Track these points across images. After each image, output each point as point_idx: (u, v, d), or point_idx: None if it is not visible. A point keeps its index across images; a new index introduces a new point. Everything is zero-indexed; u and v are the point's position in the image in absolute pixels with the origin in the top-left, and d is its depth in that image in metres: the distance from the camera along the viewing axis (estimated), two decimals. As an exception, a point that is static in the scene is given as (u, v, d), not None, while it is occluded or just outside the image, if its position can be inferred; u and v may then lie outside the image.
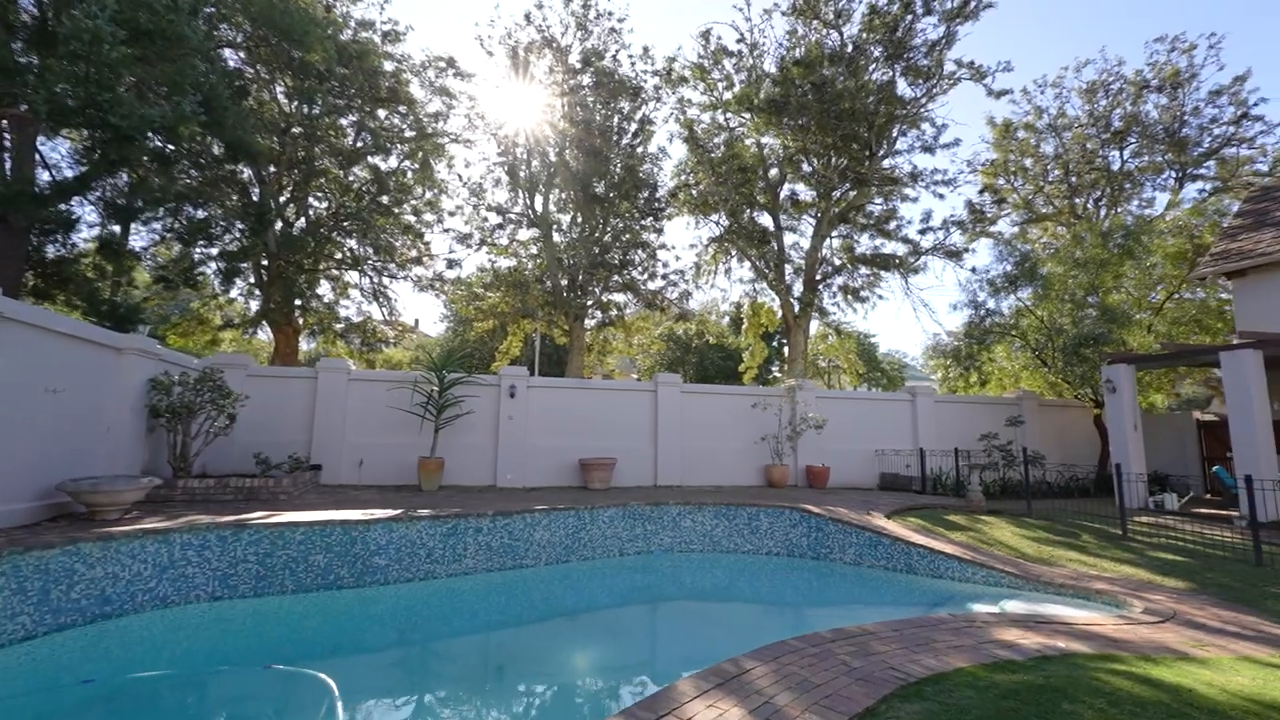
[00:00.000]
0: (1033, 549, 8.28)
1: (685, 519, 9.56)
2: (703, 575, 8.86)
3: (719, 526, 9.56)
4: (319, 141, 15.01)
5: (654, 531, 9.39)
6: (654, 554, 9.21)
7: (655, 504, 9.55)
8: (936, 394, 15.69)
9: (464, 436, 12.00)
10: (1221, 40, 21.77)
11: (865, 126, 17.92)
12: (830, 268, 20.33)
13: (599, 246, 17.16)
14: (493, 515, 8.03)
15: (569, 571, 8.32)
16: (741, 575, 8.86)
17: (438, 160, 18.32)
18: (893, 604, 7.47)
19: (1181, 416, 16.55)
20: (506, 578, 7.77)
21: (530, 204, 18.86)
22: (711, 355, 32.92)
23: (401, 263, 17.32)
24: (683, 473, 13.21)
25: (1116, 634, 4.87)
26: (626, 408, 13.26)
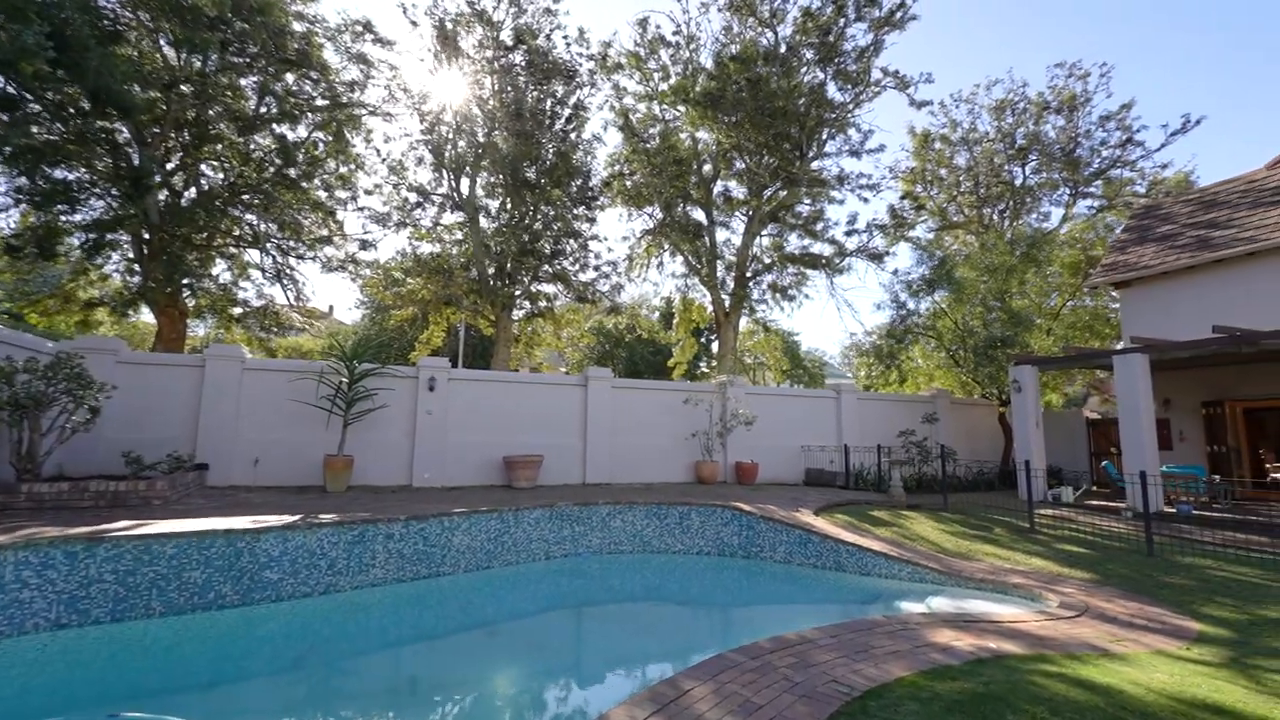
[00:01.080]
0: (952, 543, 8.53)
1: (615, 519, 9.20)
2: (633, 578, 8.54)
3: (650, 526, 9.27)
4: (213, 102, 13.40)
5: (582, 533, 8.97)
6: (582, 556, 8.79)
7: (584, 504, 9.13)
8: (859, 392, 16.15)
9: (377, 432, 11.08)
10: (1111, 70, 23.72)
11: (797, 127, 18.17)
12: (760, 265, 20.57)
13: (529, 234, 16.44)
14: (406, 519, 7.34)
15: (491, 578, 7.75)
16: (673, 577, 8.61)
17: (354, 133, 16.93)
18: (824, 602, 7.44)
19: (1073, 415, 17.92)
20: (421, 588, 7.12)
21: (455, 186, 17.83)
22: (641, 350, 32.76)
23: (309, 242, 15.84)
24: (612, 470, 12.85)
25: (1041, 631, 4.95)
26: (555, 403, 12.74)
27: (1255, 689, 3.82)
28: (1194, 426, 14.21)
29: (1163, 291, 14.52)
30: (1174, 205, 16.61)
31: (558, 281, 17.81)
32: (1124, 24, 44.64)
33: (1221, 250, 13.38)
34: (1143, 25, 44.25)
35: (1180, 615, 5.48)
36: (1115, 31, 45.82)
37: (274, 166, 15.22)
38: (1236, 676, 4.03)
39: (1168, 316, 13.88)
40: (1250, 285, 12.86)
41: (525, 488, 11.24)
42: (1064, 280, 18.33)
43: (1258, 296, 12.58)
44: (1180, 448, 14.17)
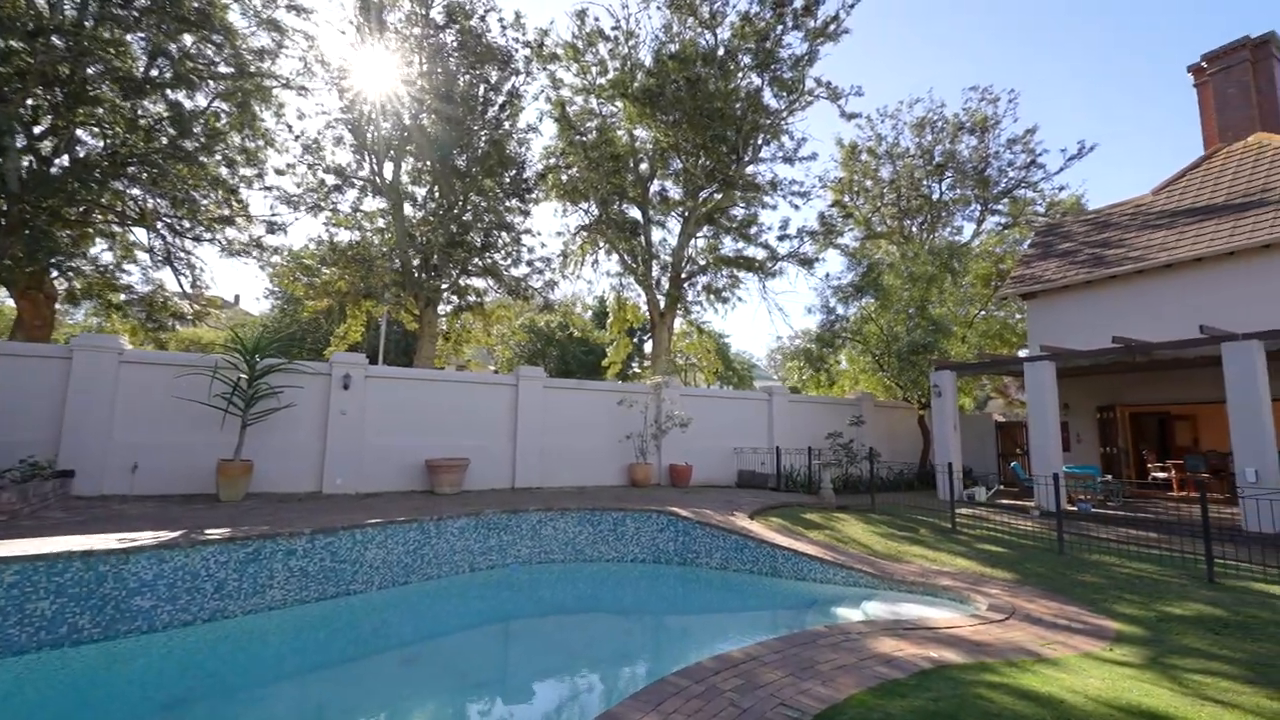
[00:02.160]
0: (881, 545, 8.65)
1: (546, 526, 8.74)
2: (566, 589, 8.12)
3: (583, 533, 8.87)
4: (91, 58, 11.77)
5: (511, 542, 8.45)
6: (511, 567, 8.28)
7: (513, 511, 8.61)
8: (790, 394, 16.40)
9: (282, 434, 10.06)
10: (1018, 96, 25.48)
11: (733, 130, 18.27)
12: (695, 266, 20.58)
13: (457, 224, 15.58)
14: (311, 533, 6.59)
15: (408, 595, 7.12)
16: (607, 587, 8.27)
17: (264, 106, 15.47)
18: (764, 610, 7.32)
19: (983, 418, 19.00)
20: (328, 609, 6.41)
21: (378, 170, 16.67)
22: (574, 349, 32.19)
23: (207, 222, 14.28)
24: (543, 473, 12.34)
25: (976, 637, 4.96)
26: (483, 403, 12.08)
27: (1180, 690, 3.92)
28: (1089, 429, 15.35)
29: (1064, 303, 15.60)
30: (1073, 225, 17.92)
31: (488, 276, 17.02)
32: (1032, 52, 48.42)
33: (1114, 267, 14.50)
34: (1047, 56, 48.19)
35: (1097, 614, 5.68)
36: (1023, 60, 49.60)
37: (167, 136, 13.62)
38: (1160, 678, 4.13)
39: (1068, 326, 14.92)
40: (1139, 299, 14.00)
41: (449, 493, 10.55)
42: (977, 291, 19.44)
43: (1146, 310, 13.71)
44: (1077, 449, 15.26)
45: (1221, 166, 15.19)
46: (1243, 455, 9.33)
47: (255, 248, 15.18)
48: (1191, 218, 14.18)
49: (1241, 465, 9.29)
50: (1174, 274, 13.55)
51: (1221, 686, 4.00)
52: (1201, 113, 16.35)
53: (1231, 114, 15.63)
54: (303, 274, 15.56)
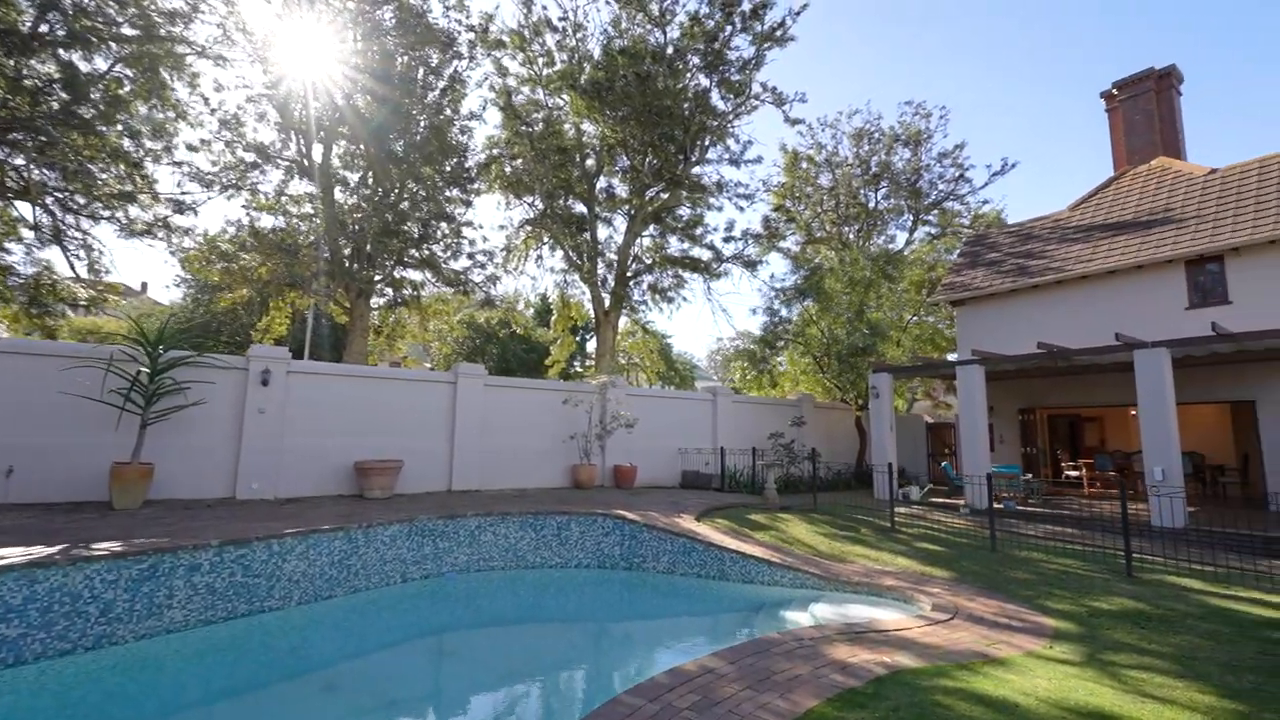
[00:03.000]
0: (826, 545, 8.71)
1: (485, 532, 8.30)
2: (507, 599, 7.71)
3: (525, 539, 8.48)
4: (-38, 7, 10.34)
5: (447, 549, 7.96)
6: (447, 577, 7.79)
7: (449, 516, 8.12)
8: (734, 395, 16.48)
9: (189, 435, 9.13)
10: (948, 113, 26.81)
11: (681, 130, 18.21)
12: (641, 265, 20.42)
13: (393, 213, 14.72)
14: (219, 545, 5.93)
15: (332, 611, 6.53)
16: (551, 595, 7.91)
17: (175, 75, 14.11)
18: (714, 615, 7.18)
19: (915, 419, 19.75)
20: (239, 630, 5.77)
21: (306, 151, 15.56)
22: (514, 347, 31.38)
23: (104, 198, 12.85)
24: (483, 475, 11.82)
25: (925, 639, 4.97)
26: (419, 401, 11.43)
27: (1121, 688, 4.00)
28: (1011, 430, 16.21)
29: (991, 310, 16.40)
30: (999, 236, 18.90)
31: (426, 268, 16.21)
32: (963, 71, 51.16)
33: (1036, 277, 15.34)
34: (976, 75, 51.07)
35: (1033, 611, 5.84)
36: (954, 78, 52.32)
37: (58, 101, 12.18)
38: (1101, 676, 4.22)
39: (995, 332, 15.68)
40: (1059, 308, 14.87)
41: (381, 497, 9.89)
42: (911, 297, 20.20)
43: (1066, 317, 14.56)
44: (1001, 449, 16.07)
45: (1129, 186, 16.37)
46: (1151, 455, 9.98)
47: (161, 228, 13.80)
48: (1104, 233, 15.20)
49: (1150, 465, 9.94)
50: (1090, 284, 14.47)
51: (1157, 682, 4.12)
52: (1112, 136, 17.59)
53: (1138, 138, 16.87)
54: (218, 259, 14.30)
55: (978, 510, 11.41)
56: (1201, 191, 14.26)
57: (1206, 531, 9.01)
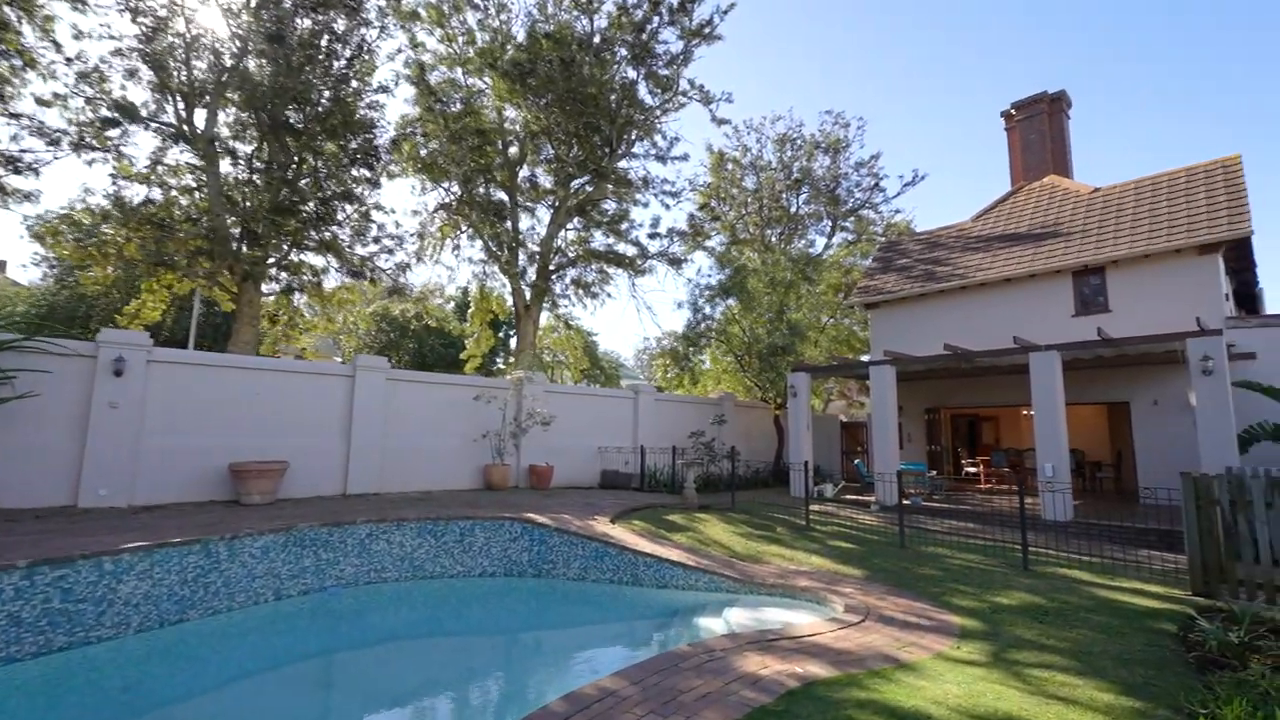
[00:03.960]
0: (742, 546, 8.55)
1: (378, 540, 7.52)
2: (398, 612, 6.99)
3: (423, 546, 7.76)
4: None
5: (332, 560, 7.13)
6: (330, 591, 6.97)
7: (335, 523, 7.29)
8: (656, 393, 16.24)
9: (16, 433, 7.75)
10: (865, 123, 27.84)
11: (607, 121, 17.79)
12: (564, 259, 19.82)
13: (288, 189, 13.36)
14: (29, 565, 4.91)
15: (184, 637, 5.61)
16: (449, 606, 7.26)
17: (24, 17, 12.16)
18: (624, 623, 6.78)
19: (829, 418, 20.31)
20: (52, 667, 4.79)
21: (187, 117, 13.88)
22: (432, 341, 29.85)
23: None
24: (383, 477, 10.90)
25: (837, 644, 4.80)
26: (311, 396, 10.37)
27: (1026, 690, 3.95)
28: (918, 429, 16.92)
29: (901, 313, 17.05)
30: (910, 243, 19.74)
31: (327, 252, 14.88)
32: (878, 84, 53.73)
33: (942, 283, 16.06)
34: (888, 90, 53.79)
35: (941, 609, 5.85)
36: (871, 89, 54.87)
37: None
38: (1007, 678, 4.17)
39: (905, 334, 16.30)
40: (963, 312, 15.62)
41: (260, 503, 8.83)
42: (828, 299, 20.77)
43: (969, 322, 15.31)
44: (908, 447, 16.71)
45: (1024, 201, 17.48)
46: (1043, 452, 10.55)
47: (-2, 193, 11.85)
48: (1003, 243, 16.13)
49: (1042, 461, 10.50)
50: (989, 291, 15.28)
51: (1059, 681, 4.10)
52: (1010, 152, 18.77)
53: (1032, 156, 18.07)
54: (69, 230, 12.47)
55: (887, 507, 11.70)
56: (1086, 208, 15.40)
57: (1090, 524, 9.59)
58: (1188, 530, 6.28)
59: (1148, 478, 12.36)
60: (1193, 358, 9.09)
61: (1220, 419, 8.74)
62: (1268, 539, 5.86)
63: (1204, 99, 56.67)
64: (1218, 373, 8.85)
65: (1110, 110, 55.95)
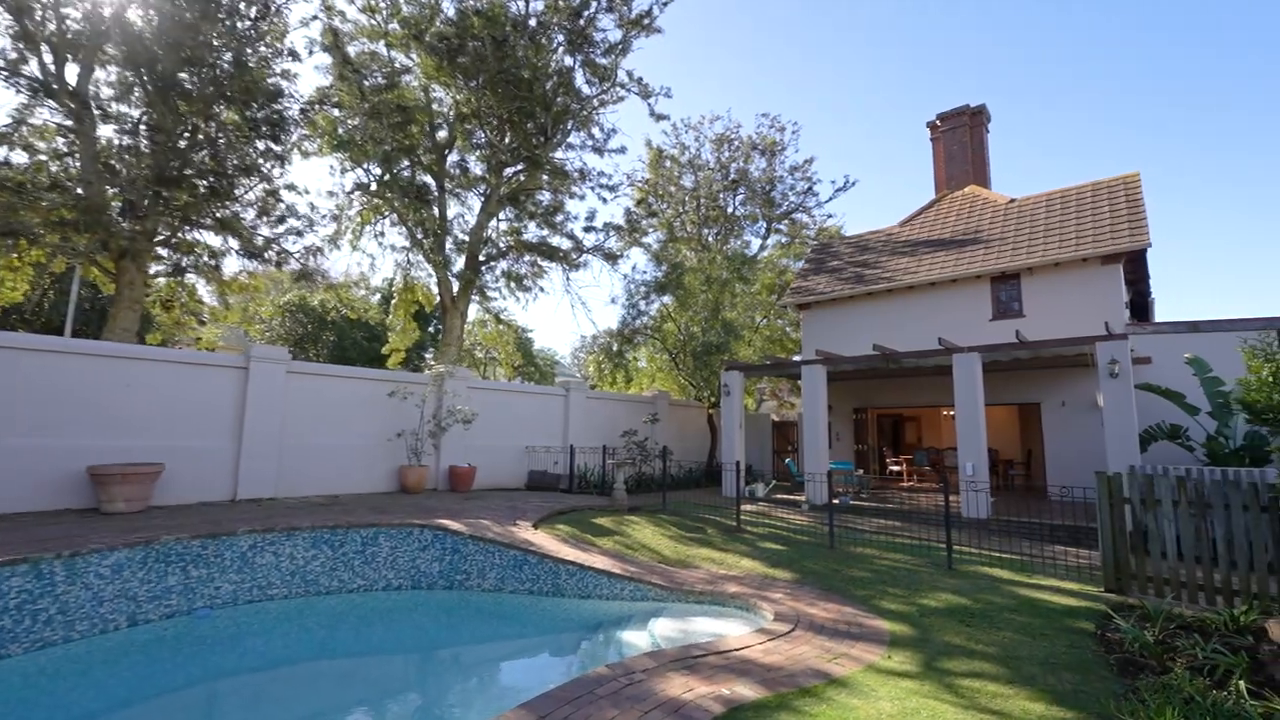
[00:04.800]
0: (671, 550, 8.20)
1: (263, 553, 6.65)
2: (284, 635, 6.16)
3: (318, 558, 6.94)
4: None
5: (205, 578, 6.22)
6: (200, 614, 6.06)
7: (211, 535, 6.38)
8: (588, 390, 15.73)
9: None
10: (800, 128, 28.45)
11: (542, 108, 17.11)
12: (495, 250, 18.97)
13: (177, 158, 11.94)
14: None
15: (2, 676, 4.64)
16: (346, 626, 6.48)
17: None
18: (540, 638, 6.25)
19: (762, 417, 20.42)
20: None
21: (57, 72, 12.19)
22: (355, 334, 28.05)
23: None
24: (282, 480, 9.87)
25: (766, 658, 4.48)
26: (195, 390, 9.22)
27: (959, 703, 3.74)
28: (847, 428, 17.21)
29: (832, 314, 17.29)
30: (841, 246, 20.11)
31: (225, 231, 13.46)
32: (811, 88, 55.22)
33: (871, 285, 16.38)
34: (823, 96, 55.41)
35: (870, 614, 5.67)
36: (806, 94, 56.31)
37: None
38: (940, 690, 3.96)
39: (836, 335, 16.53)
40: (891, 314, 15.97)
41: (124, 511, 7.70)
42: (763, 299, 20.89)
43: (896, 323, 15.66)
44: (837, 446, 16.98)
45: (948, 209, 18.12)
46: (964, 451, 10.80)
47: None
48: (928, 248, 16.62)
49: (963, 460, 10.74)
50: (915, 294, 15.69)
51: (991, 692, 3.93)
52: (934, 161, 19.44)
53: (955, 166, 18.78)
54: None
55: (817, 506, 11.70)
56: (1004, 217, 16.09)
57: (1006, 521, 9.85)
58: (1101, 528, 6.41)
59: (1055, 475, 12.97)
60: (1101, 360, 9.49)
61: (1125, 419, 9.16)
62: (1174, 536, 6.03)
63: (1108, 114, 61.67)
64: (1123, 375, 9.27)
65: (1024, 122, 59.94)
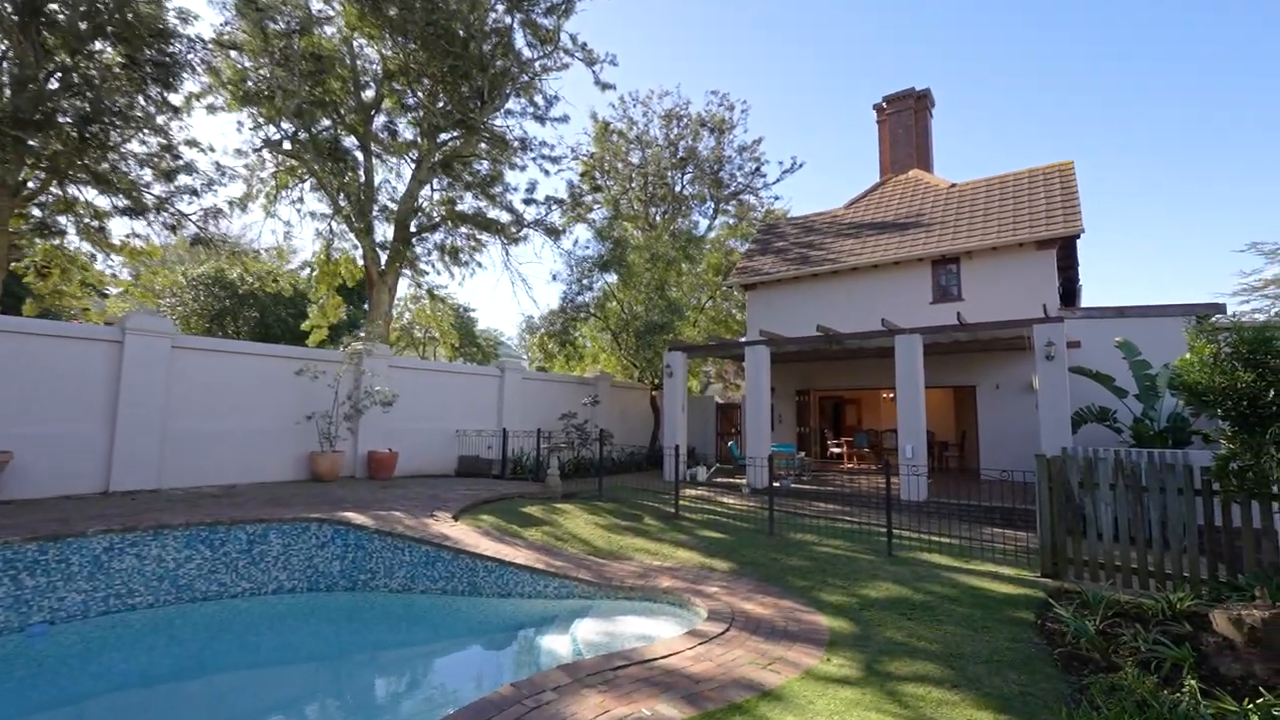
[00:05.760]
0: (604, 540, 7.67)
1: (123, 555, 5.70)
2: (145, 653, 5.27)
3: (193, 560, 6.03)
4: None
5: (44, 587, 5.25)
6: (34, 631, 5.10)
7: (54, 537, 5.39)
8: (525, 371, 14.95)
9: None
10: (749, 107, 28.04)
11: (478, 69, 15.95)
12: (427, 220, 17.75)
13: (36, 97, 10.29)
14: None
15: None
16: (225, 638, 5.64)
17: None
18: (447, 646, 5.60)
19: (706, 400, 20.16)
20: None
21: (-114, -10, 10.27)
22: (279, 310, 26.04)
23: None
24: (169, 469, 8.76)
25: (695, 667, 4.00)
26: (56, 366, 7.96)
27: (903, 715, 3.36)
28: (789, 410, 17.12)
29: (777, 295, 17.06)
30: (787, 226, 19.89)
31: (103, 187, 11.84)
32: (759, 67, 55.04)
33: (816, 266, 16.21)
34: (770, 75, 55.35)
35: (808, 608, 5.31)
36: (755, 78, 56.11)
37: None
38: (881, 700, 3.57)
39: (781, 316, 16.30)
40: (835, 296, 15.85)
41: (-43, 509, 6.52)
42: (708, 279, 20.50)
43: (840, 305, 15.54)
44: (780, 428, 16.87)
45: (892, 192, 18.12)
46: (904, 433, 10.72)
47: None
48: (871, 231, 16.56)
49: (903, 442, 10.66)
50: (859, 276, 15.61)
51: (935, 699, 3.57)
52: (880, 144, 19.40)
53: (900, 150, 18.78)
54: None
55: (758, 490, 11.44)
56: (945, 201, 16.17)
57: (942, 503, 9.82)
58: (1040, 512, 6.27)
59: (988, 456, 13.20)
60: (1038, 343, 9.50)
61: (1059, 401, 9.21)
62: (1112, 520, 5.94)
63: (1045, 102, 64.27)
64: (1059, 358, 9.31)
65: (963, 107, 61.71)
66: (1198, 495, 5.59)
